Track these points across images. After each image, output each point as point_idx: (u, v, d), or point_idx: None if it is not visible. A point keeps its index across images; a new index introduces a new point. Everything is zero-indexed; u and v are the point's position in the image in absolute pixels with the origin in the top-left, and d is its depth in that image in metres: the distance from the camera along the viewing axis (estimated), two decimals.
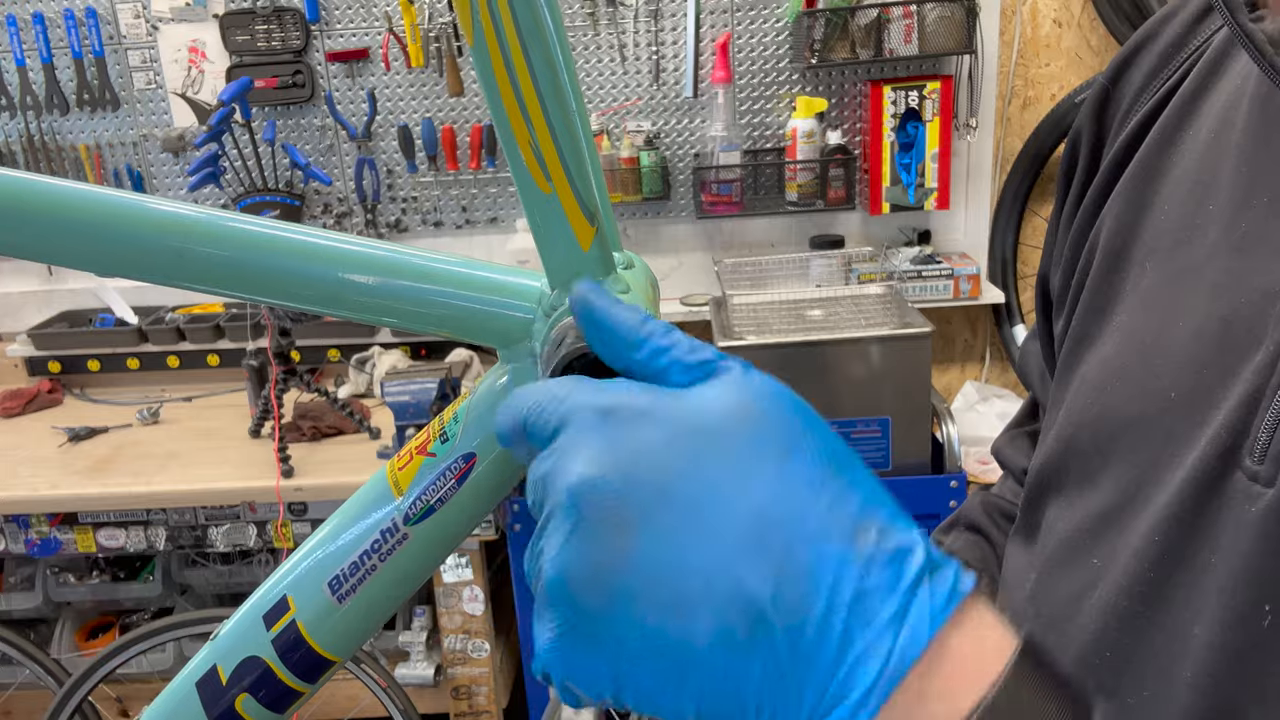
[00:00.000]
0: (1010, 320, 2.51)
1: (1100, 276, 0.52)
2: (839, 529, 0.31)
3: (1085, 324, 0.52)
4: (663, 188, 2.39)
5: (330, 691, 2.16)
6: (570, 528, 0.32)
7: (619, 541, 0.32)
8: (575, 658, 0.33)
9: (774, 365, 1.83)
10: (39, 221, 0.41)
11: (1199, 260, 0.45)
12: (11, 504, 1.99)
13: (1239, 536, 0.39)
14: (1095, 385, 0.50)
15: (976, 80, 2.33)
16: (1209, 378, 0.42)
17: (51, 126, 2.44)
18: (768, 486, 0.32)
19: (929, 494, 1.88)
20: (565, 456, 0.34)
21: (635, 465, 0.32)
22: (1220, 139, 0.47)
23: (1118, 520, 0.45)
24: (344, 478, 1.97)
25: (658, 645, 0.32)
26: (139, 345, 2.45)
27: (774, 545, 0.31)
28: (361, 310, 0.43)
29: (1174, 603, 0.41)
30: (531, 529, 0.38)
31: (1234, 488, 0.40)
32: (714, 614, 0.31)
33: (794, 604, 0.31)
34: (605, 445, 0.33)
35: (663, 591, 0.31)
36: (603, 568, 0.32)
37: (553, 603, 0.33)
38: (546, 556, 0.33)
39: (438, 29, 2.33)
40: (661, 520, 0.32)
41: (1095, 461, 0.48)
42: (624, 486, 0.32)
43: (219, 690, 0.44)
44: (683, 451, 0.33)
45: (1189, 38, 0.52)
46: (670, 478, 0.32)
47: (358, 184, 2.45)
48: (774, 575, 0.31)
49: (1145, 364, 0.46)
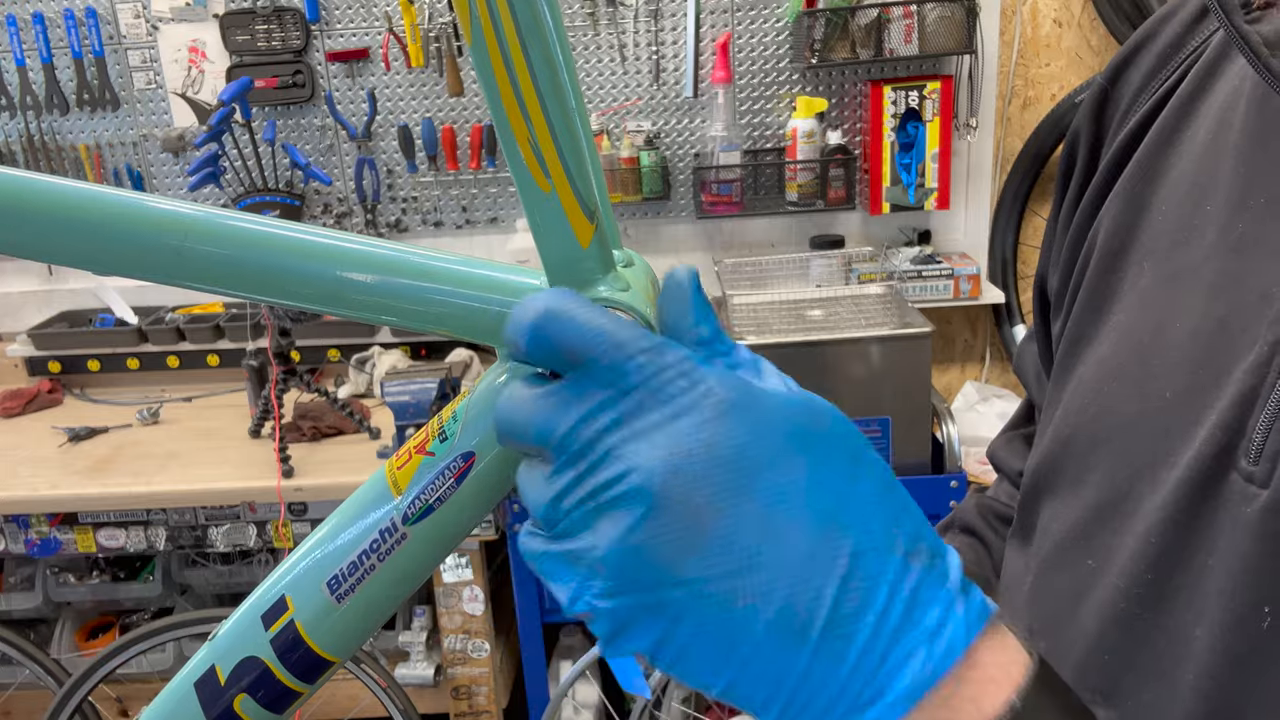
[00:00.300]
0: (1010, 320, 2.51)
1: (1098, 277, 0.52)
2: (898, 544, 0.34)
3: (1082, 324, 0.52)
4: (663, 188, 2.39)
5: (330, 691, 2.16)
6: (646, 509, 0.33)
7: (695, 531, 0.33)
8: (631, 618, 0.34)
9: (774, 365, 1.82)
10: (39, 221, 0.41)
11: (1196, 261, 0.45)
12: (11, 504, 1.99)
13: (1236, 538, 0.39)
14: (1092, 385, 0.50)
15: (976, 80, 2.33)
16: (1204, 378, 0.42)
17: (51, 126, 2.44)
18: (841, 492, 0.34)
19: (929, 494, 1.88)
20: (643, 425, 0.33)
21: (724, 448, 0.33)
22: (1218, 140, 0.47)
23: (1111, 520, 0.45)
24: (344, 478, 1.97)
25: (717, 623, 0.33)
26: (139, 345, 2.45)
27: (843, 550, 0.33)
28: (361, 309, 0.43)
29: (1174, 605, 0.41)
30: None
31: (1229, 488, 0.40)
32: (779, 602, 0.32)
33: (853, 608, 0.32)
34: (692, 429, 0.33)
35: (731, 582, 0.33)
36: (675, 554, 0.33)
37: (613, 572, 0.33)
38: (608, 526, 0.33)
39: (438, 29, 2.33)
40: (742, 507, 0.33)
41: (1089, 461, 0.48)
42: (706, 476, 0.33)
43: (217, 690, 0.44)
44: (767, 443, 0.34)
45: (1187, 38, 0.52)
46: (752, 472, 0.33)
47: (358, 184, 2.45)
48: (839, 578, 0.32)
49: (1142, 364, 0.46)
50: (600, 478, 0.33)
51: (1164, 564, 0.42)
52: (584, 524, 0.34)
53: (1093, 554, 0.46)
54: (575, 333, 0.34)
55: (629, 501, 0.33)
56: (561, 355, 0.35)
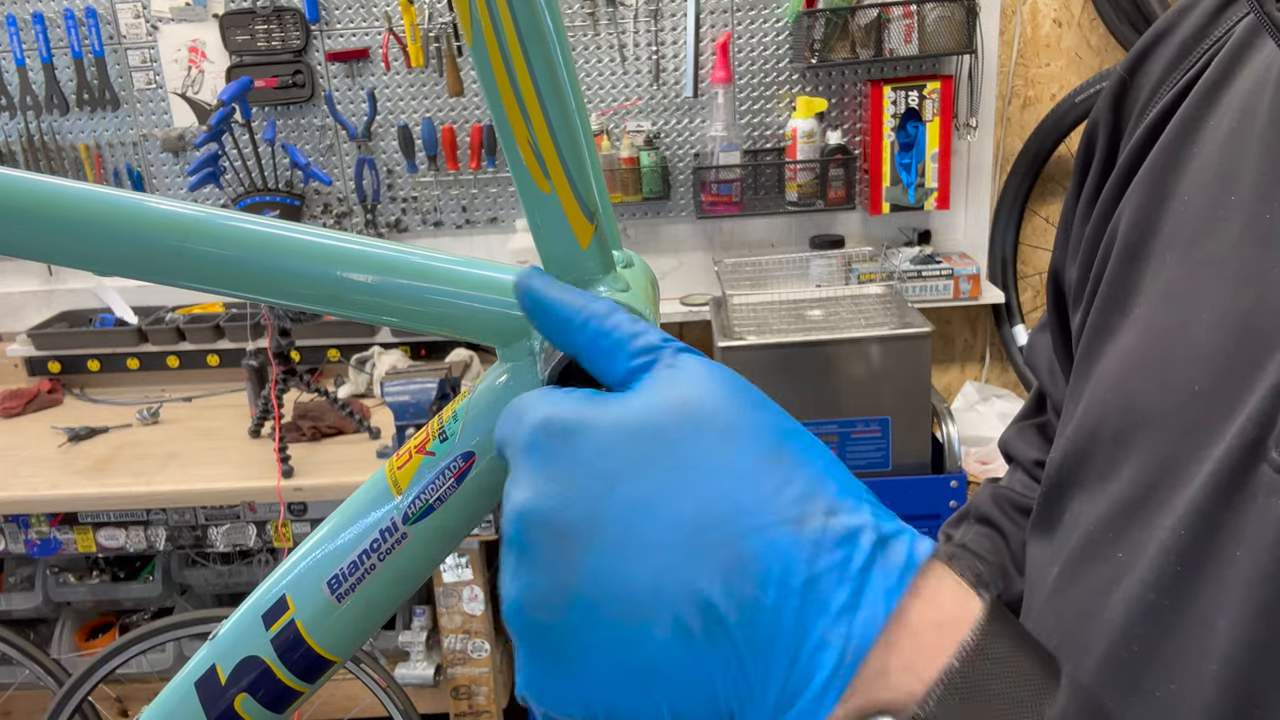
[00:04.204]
0: (1010, 320, 2.51)
1: (1119, 268, 0.51)
2: (783, 515, 0.31)
3: (1104, 316, 0.52)
4: (663, 188, 2.39)
5: (330, 691, 2.16)
6: (517, 555, 0.33)
7: (564, 561, 0.32)
8: (545, 681, 0.33)
9: (774, 365, 1.83)
10: (39, 221, 0.41)
11: (1222, 252, 0.44)
12: (11, 504, 1.99)
13: (1265, 530, 0.38)
14: (1116, 378, 0.49)
15: (976, 80, 2.33)
16: (1233, 370, 0.42)
17: (51, 126, 2.44)
18: (707, 482, 0.32)
19: (929, 494, 1.88)
20: (511, 484, 0.34)
21: (570, 482, 0.32)
22: (1243, 129, 0.46)
23: (1140, 514, 0.45)
24: (344, 478, 1.97)
25: (618, 656, 0.32)
26: (139, 345, 2.45)
27: (717, 541, 0.31)
28: (361, 309, 0.43)
29: (1201, 596, 0.41)
30: None
31: (1259, 481, 0.39)
32: (668, 618, 0.31)
33: (744, 598, 0.30)
34: (539, 466, 0.33)
35: (615, 603, 0.31)
36: (552, 588, 0.32)
37: (515, 630, 0.33)
38: (503, 586, 0.34)
39: (438, 29, 2.33)
40: (603, 533, 0.32)
41: (1117, 454, 0.48)
42: (560, 506, 0.32)
43: (218, 690, 0.44)
44: (619, 459, 0.32)
45: (1210, 28, 0.52)
46: (606, 489, 0.32)
47: (358, 184, 2.45)
48: (721, 571, 0.30)
49: (1167, 356, 0.46)
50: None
51: (1192, 556, 0.41)
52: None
53: (1122, 547, 0.46)
54: (496, 440, 0.37)
55: (507, 553, 0.33)
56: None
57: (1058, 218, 2.58)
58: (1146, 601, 0.43)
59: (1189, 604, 0.41)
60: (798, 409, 1.96)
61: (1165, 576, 0.42)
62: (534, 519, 0.32)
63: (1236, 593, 0.39)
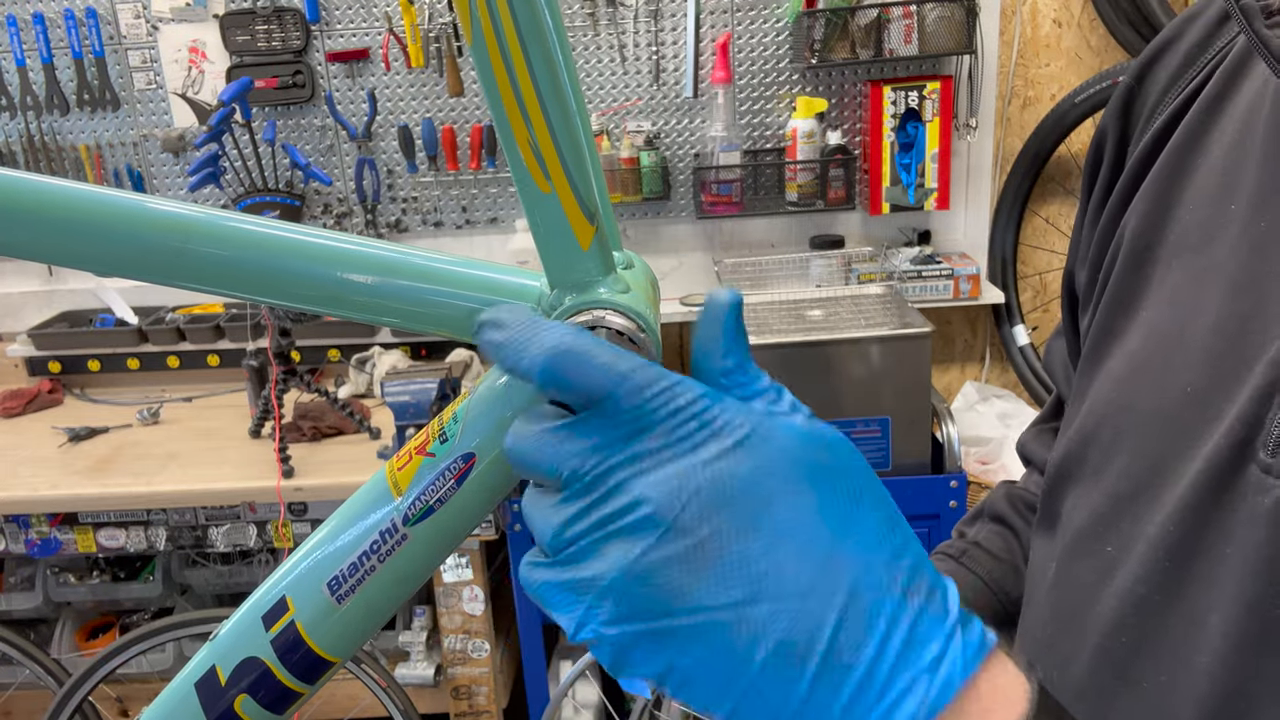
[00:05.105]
0: (1010, 320, 2.51)
1: (1125, 272, 0.53)
2: (897, 580, 0.34)
3: (1110, 319, 0.53)
4: (663, 188, 2.39)
5: (330, 691, 2.16)
6: (658, 537, 0.33)
7: (704, 560, 0.33)
8: (636, 646, 0.34)
9: (774, 365, 1.83)
10: (39, 221, 0.41)
11: (1220, 259, 0.46)
12: (11, 504, 1.99)
13: (1253, 527, 0.40)
14: (1117, 379, 0.51)
15: (976, 80, 2.33)
16: (1225, 372, 0.43)
17: (51, 126, 2.44)
18: (843, 527, 0.35)
19: (929, 494, 1.88)
20: (659, 455, 0.34)
21: (731, 483, 0.34)
22: (1243, 141, 0.47)
23: (1130, 509, 0.46)
24: (344, 478, 1.97)
25: (720, 653, 0.33)
26: (139, 345, 2.45)
27: (843, 585, 0.34)
28: (361, 310, 0.43)
29: (1191, 591, 0.42)
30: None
31: (1248, 480, 0.40)
32: (775, 642, 0.33)
33: (849, 645, 0.33)
34: (707, 458, 0.34)
35: (734, 613, 0.33)
36: (684, 583, 0.33)
37: (619, 597, 0.34)
38: (618, 552, 0.34)
39: (438, 29, 2.33)
40: (747, 540, 0.34)
41: (1112, 452, 0.49)
42: (719, 502, 0.34)
43: (218, 691, 0.44)
44: (773, 479, 0.34)
45: (1212, 39, 0.53)
46: (759, 506, 0.34)
47: (358, 184, 2.45)
48: (839, 612, 0.33)
49: (1165, 358, 0.47)
50: (610, 507, 0.34)
51: (1182, 552, 0.43)
52: (591, 551, 0.34)
53: (1113, 542, 0.47)
54: (592, 373, 0.35)
55: (638, 530, 0.34)
56: (576, 393, 0.35)
57: (1057, 218, 2.59)
58: (1137, 595, 0.44)
59: (1178, 598, 0.42)
60: None
61: (1155, 571, 0.44)
62: (691, 509, 0.34)
63: (1225, 588, 0.40)
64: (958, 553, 0.73)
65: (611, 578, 0.34)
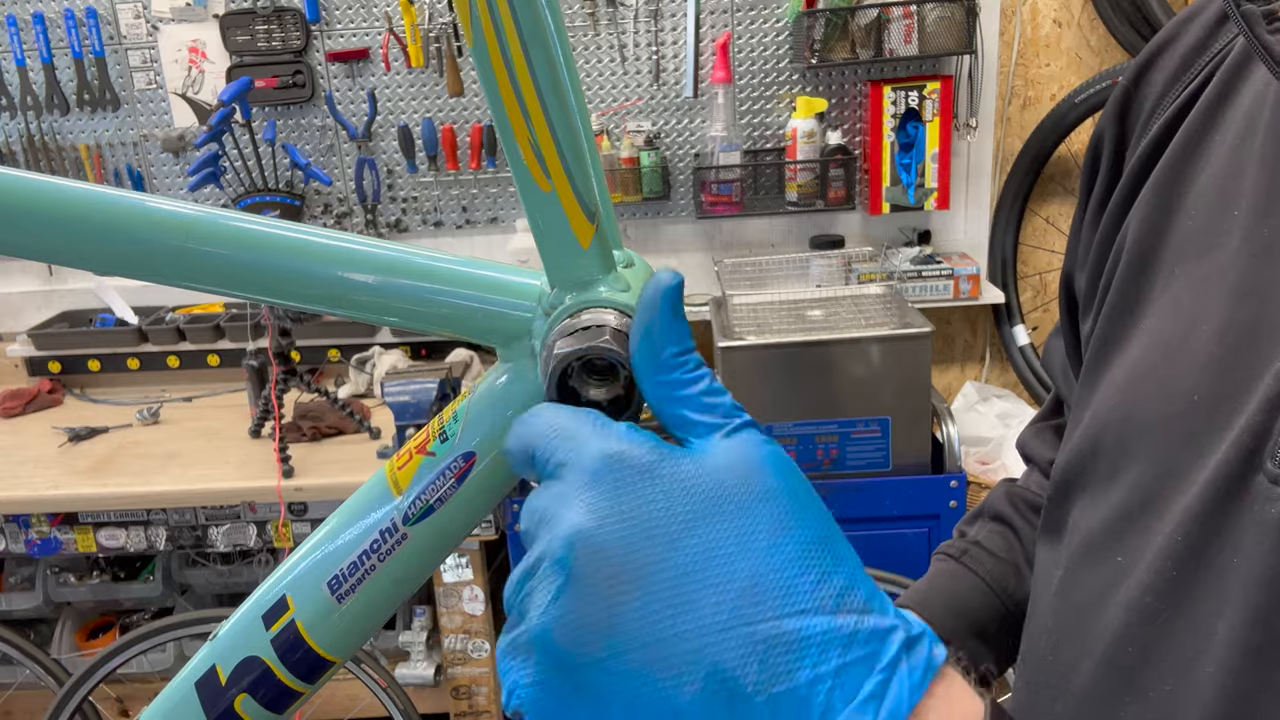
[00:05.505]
0: (1010, 320, 2.51)
1: (1127, 280, 0.52)
2: (824, 605, 0.33)
3: (1113, 326, 0.53)
4: (663, 188, 2.39)
5: (330, 691, 2.16)
6: (564, 580, 0.33)
7: (611, 599, 0.33)
8: (556, 707, 0.33)
9: (774, 365, 1.83)
10: (39, 221, 0.41)
11: (1223, 265, 0.45)
12: (11, 504, 1.99)
13: (1260, 538, 0.39)
14: (1121, 387, 0.50)
15: (976, 80, 2.33)
16: (1231, 382, 0.43)
17: (52, 126, 2.44)
18: (761, 558, 0.33)
19: (929, 494, 1.88)
20: (565, 502, 0.34)
21: (634, 523, 0.33)
22: (1244, 145, 0.47)
23: (1140, 519, 0.46)
24: (344, 478, 1.97)
25: (642, 704, 0.32)
26: (139, 345, 2.45)
27: (761, 615, 0.32)
28: (361, 309, 0.43)
29: (1197, 601, 0.42)
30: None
31: (1255, 490, 0.40)
32: (701, 679, 0.32)
33: (779, 674, 0.32)
34: (606, 498, 0.34)
35: (651, 653, 0.32)
36: (594, 624, 0.33)
37: (539, 652, 0.33)
38: (535, 604, 0.34)
39: (438, 29, 2.33)
40: (656, 582, 0.33)
41: (1118, 461, 0.49)
42: (621, 544, 0.33)
43: (218, 690, 0.44)
44: (683, 514, 0.33)
45: (1210, 41, 0.52)
46: (668, 540, 0.33)
47: (358, 184, 2.45)
48: (762, 645, 0.32)
49: (1170, 366, 0.47)
50: (533, 553, 0.34)
51: (1189, 562, 0.42)
52: (523, 606, 0.34)
53: (1121, 552, 0.47)
54: (520, 446, 0.37)
55: (551, 572, 0.33)
56: (530, 470, 0.37)
57: (1057, 218, 2.59)
58: (1144, 605, 0.44)
59: (1186, 608, 0.42)
60: (798, 409, 1.94)
61: (1162, 581, 0.43)
62: (594, 548, 0.33)
63: (1233, 598, 0.40)
64: (958, 552, 0.73)
65: (531, 632, 0.33)
